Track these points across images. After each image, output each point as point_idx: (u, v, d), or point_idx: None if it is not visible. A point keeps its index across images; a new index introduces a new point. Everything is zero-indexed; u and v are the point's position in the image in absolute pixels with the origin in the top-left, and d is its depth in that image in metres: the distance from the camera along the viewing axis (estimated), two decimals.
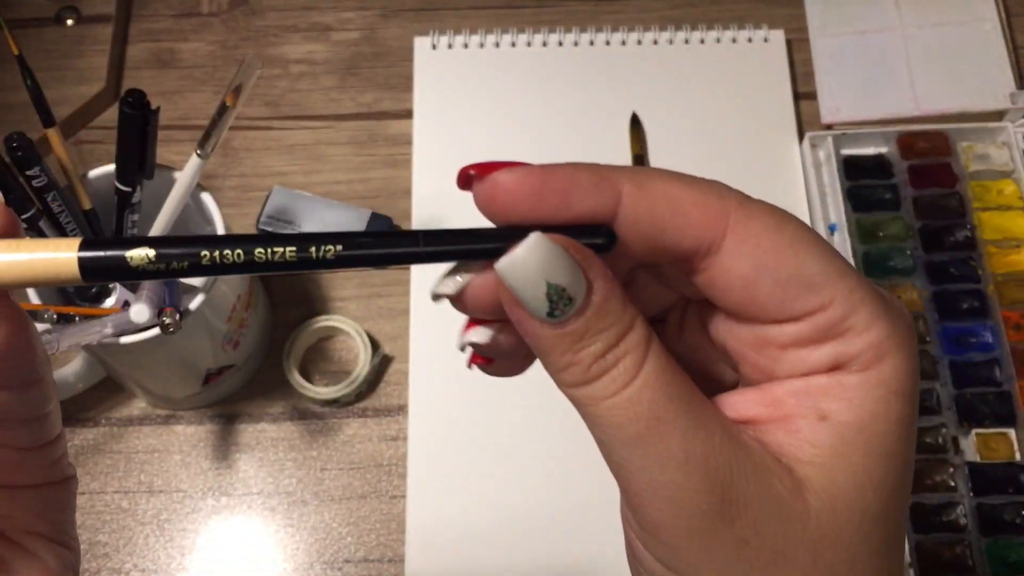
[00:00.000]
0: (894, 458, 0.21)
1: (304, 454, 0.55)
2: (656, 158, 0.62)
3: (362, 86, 0.65)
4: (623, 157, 0.62)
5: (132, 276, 0.21)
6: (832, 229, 0.59)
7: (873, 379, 0.21)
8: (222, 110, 0.44)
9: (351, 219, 0.59)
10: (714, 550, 0.21)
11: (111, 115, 0.64)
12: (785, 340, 0.21)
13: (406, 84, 0.65)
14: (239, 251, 0.21)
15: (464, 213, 0.67)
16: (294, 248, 0.21)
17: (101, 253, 0.20)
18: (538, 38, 0.65)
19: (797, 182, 0.61)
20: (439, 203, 0.60)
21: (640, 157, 0.61)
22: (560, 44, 0.65)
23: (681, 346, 0.25)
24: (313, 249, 0.21)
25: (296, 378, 0.55)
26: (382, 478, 0.54)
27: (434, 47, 0.65)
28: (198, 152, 0.46)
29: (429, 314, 0.57)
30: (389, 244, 0.22)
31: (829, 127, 0.63)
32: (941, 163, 0.60)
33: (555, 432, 0.55)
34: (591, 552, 0.52)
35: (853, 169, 0.60)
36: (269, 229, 0.59)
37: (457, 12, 0.67)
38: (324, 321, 0.56)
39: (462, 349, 0.24)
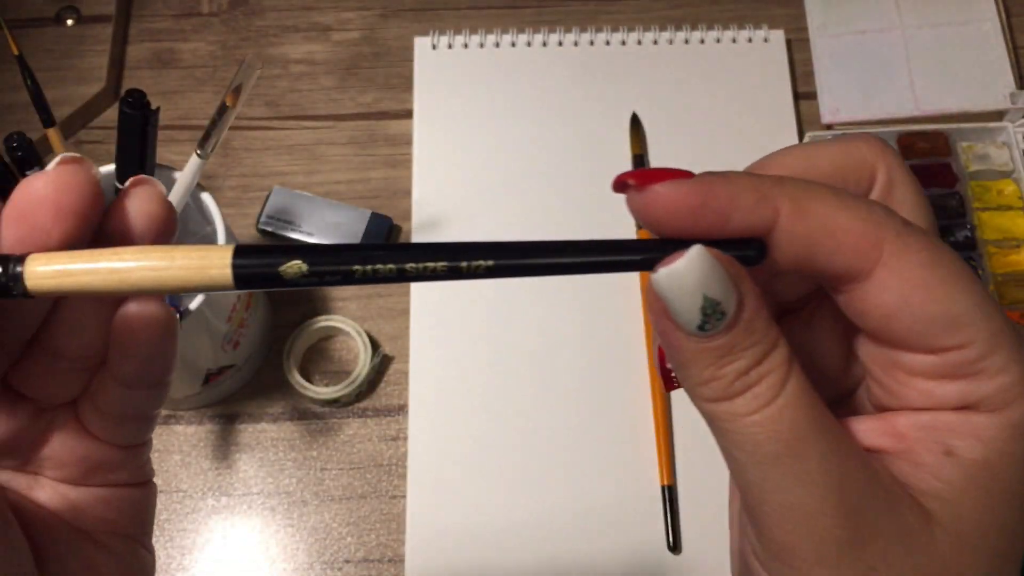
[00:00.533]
0: (1018, 500, 0.21)
1: (304, 454, 0.55)
2: (656, 158, 0.62)
3: (362, 86, 0.65)
4: (623, 157, 0.62)
5: (283, 286, 0.21)
6: None
7: (1003, 421, 0.21)
8: (222, 110, 0.44)
9: (351, 219, 0.59)
10: (842, 570, 0.21)
11: (111, 115, 0.64)
12: (916, 369, 0.21)
13: (406, 84, 0.65)
14: (391, 265, 0.21)
15: (464, 213, 0.67)
16: (445, 263, 0.21)
17: (255, 261, 0.21)
18: (538, 38, 0.65)
19: None
20: (439, 203, 0.60)
21: (640, 157, 0.61)
22: (560, 44, 0.65)
23: (807, 339, 0.24)
24: (464, 264, 0.21)
25: (296, 378, 0.55)
26: (382, 478, 0.54)
27: (434, 47, 0.65)
28: (198, 152, 0.46)
29: (429, 314, 0.57)
30: (538, 255, 0.21)
31: (829, 127, 0.63)
32: (941, 163, 0.60)
33: (555, 432, 0.55)
34: (591, 551, 0.52)
35: None
36: (269, 229, 0.59)
37: (457, 12, 0.67)
38: (324, 321, 0.56)
39: (662, 375, 0.24)
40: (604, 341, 0.57)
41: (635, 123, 0.62)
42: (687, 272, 0.20)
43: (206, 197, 0.49)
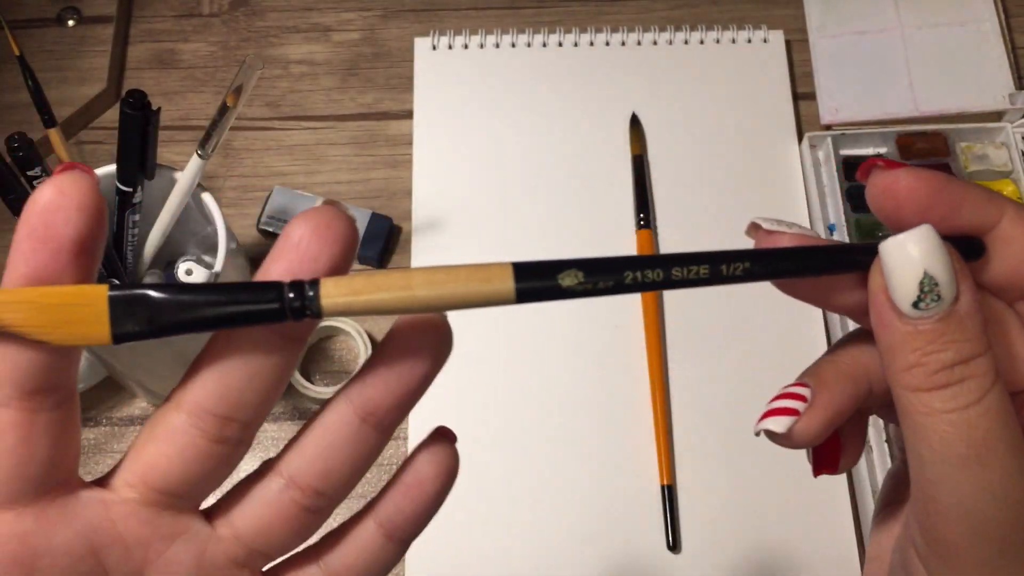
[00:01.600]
0: None
1: None
2: (656, 158, 0.62)
3: (363, 87, 0.65)
4: (623, 157, 0.62)
5: (561, 296, 0.22)
6: (831, 229, 0.59)
7: None
8: (223, 110, 0.44)
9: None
10: (1000, 572, 0.21)
11: (112, 115, 0.65)
12: None
13: (406, 85, 0.65)
14: (659, 271, 0.23)
15: (465, 213, 0.67)
16: (707, 267, 0.23)
17: (536, 283, 0.22)
18: (538, 39, 0.65)
19: (796, 182, 0.61)
20: (439, 203, 0.61)
21: (640, 158, 0.61)
22: (560, 45, 0.65)
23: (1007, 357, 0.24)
24: (724, 267, 0.23)
25: (296, 378, 0.55)
26: (382, 478, 0.54)
27: (434, 48, 0.65)
28: (199, 152, 0.46)
29: None
30: (784, 260, 0.24)
31: (828, 127, 0.63)
32: (940, 163, 0.60)
33: (556, 432, 0.55)
34: (591, 550, 0.52)
35: (852, 169, 0.60)
36: (270, 229, 0.59)
37: (457, 13, 0.68)
38: (324, 321, 0.56)
39: (758, 435, 0.26)
40: (605, 341, 0.57)
41: (635, 123, 0.63)
42: (914, 244, 0.21)
43: (207, 197, 0.49)
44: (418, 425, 0.55)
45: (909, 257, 0.21)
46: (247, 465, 0.56)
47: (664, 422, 0.54)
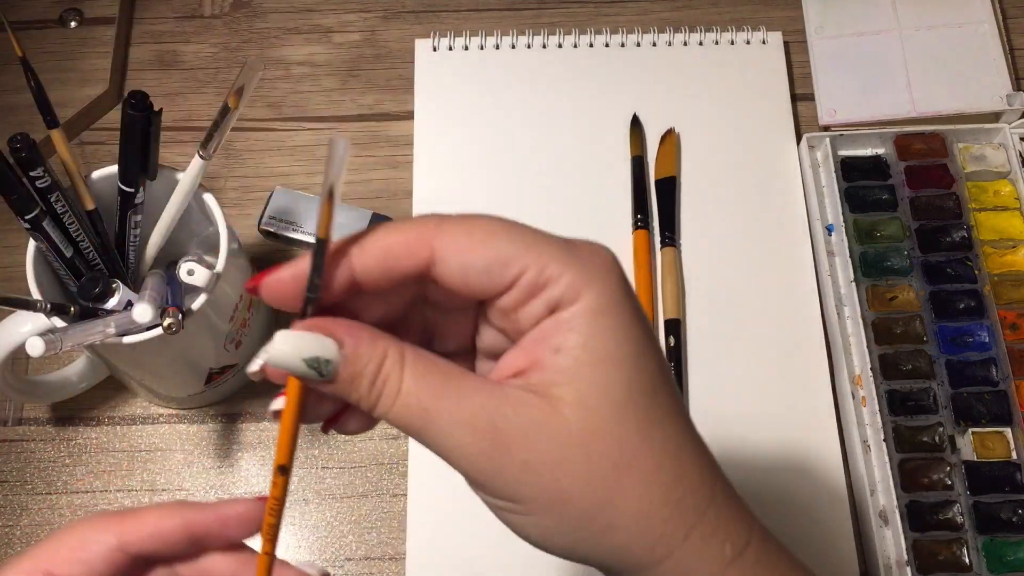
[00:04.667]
0: (620, 359, 0.27)
1: (306, 452, 0.55)
2: (655, 159, 0.62)
3: (363, 88, 0.66)
4: (623, 159, 0.62)
5: None
6: (830, 230, 0.59)
7: (580, 309, 0.27)
8: (224, 111, 0.44)
9: (352, 220, 0.59)
10: (508, 475, 0.26)
11: (114, 116, 0.65)
12: (511, 305, 0.27)
13: (407, 86, 0.65)
14: None
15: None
16: None
17: None
18: (538, 40, 0.65)
19: (795, 183, 0.61)
20: (440, 204, 0.61)
21: (640, 158, 0.62)
22: (560, 46, 0.66)
23: (490, 352, 0.31)
24: None
25: None
26: (383, 476, 0.55)
27: (435, 49, 0.65)
28: (200, 153, 0.46)
29: None
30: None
31: (826, 128, 0.63)
32: (938, 164, 0.60)
33: None
34: None
35: (850, 170, 0.60)
36: (271, 230, 0.59)
37: (457, 14, 0.68)
38: None
39: (270, 418, 0.30)
40: None
41: (635, 124, 0.63)
42: (282, 347, 0.26)
43: (208, 198, 0.49)
44: None
45: (285, 360, 0.26)
46: (247, 464, 0.56)
47: None
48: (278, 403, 0.28)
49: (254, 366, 0.28)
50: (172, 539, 0.30)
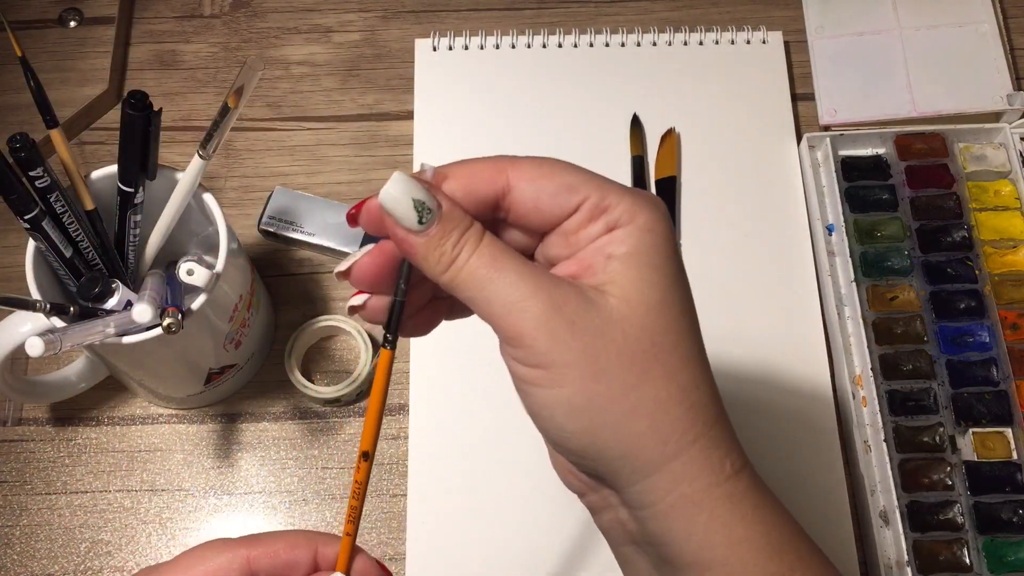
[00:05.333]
0: (662, 268, 0.31)
1: (305, 453, 0.55)
2: (655, 159, 0.62)
3: (363, 87, 0.66)
4: (623, 158, 0.62)
5: None
6: (830, 230, 0.59)
7: (633, 227, 0.31)
8: (224, 111, 0.44)
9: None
10: (555, 333, 0.30)
11: (114, 116, 0.65)
12: (574, 226, 0.32)
13: (407, 86, 0.65)
14: None
15: None
16: None
17: None
18: (538, 40, 0.65)
19: (795, 183, 0.61)
20: None
21: (640, 158, 0.62)
22: (560, 46, 0.65)
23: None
24: None
25: (297, 377, 0.55)
26: (383, 477, 0.55)
27: (435, 49, 0.65)
28: (200, 153, 0.46)
29: None
30: None
31: (827, 128, 0.63)
32: (938, 164, 0.60)
33: None
34: (591, 548, 0.52)
35: (851, 170, 0.60)
36: (270, 230, 0.59)
37: (457, 14, 0.68)
38: (325, 321, 0.57)
39: (350, 313, 0.34)
40: None
41: (636, 124, 0.63)
42: (395, 186, 0.30)
43: (208, 198, 0.49)
44: (418, 425, 0.55)
45: (398, 196, 0.30)
46: (247, 464, 0.56)
47: None
48: (357, 299, 0.33)
49: (342, 265, 0.32)
50: (299, 566, 0.33)
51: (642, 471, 0.30)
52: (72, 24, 0.66)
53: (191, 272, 0.44)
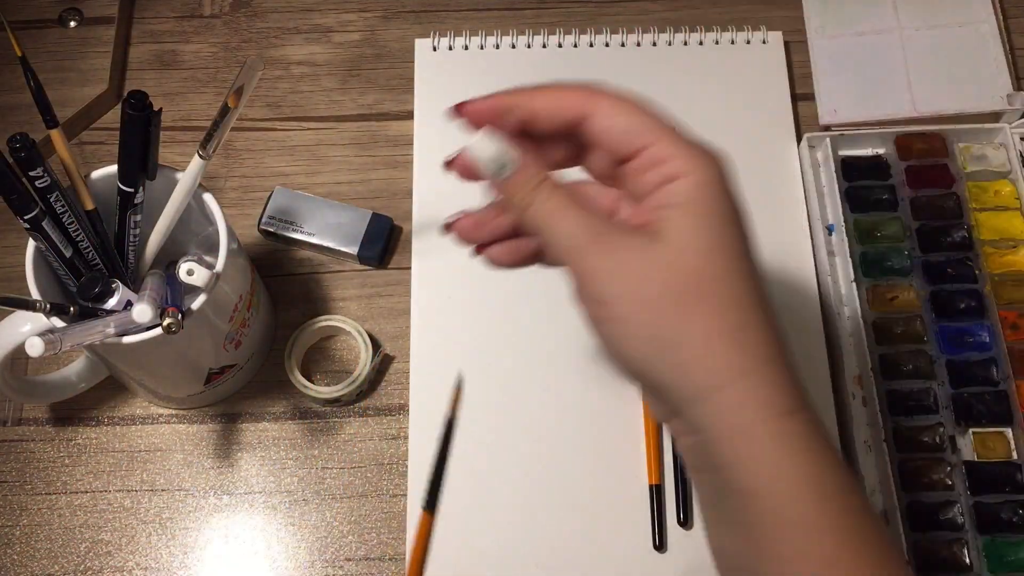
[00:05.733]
0: (714, 218, 0.33)
1: (305, 453, 0.55)
2: None
3: (363, 87, 0.66)
4: None
5: None
6: (830, 230, 0.59)
7: (692, 178, 0.34)
8: (224, 111, 0.44)
9: (352, 220, 0.59)
10: (605, 269, 0.33)
11: (114, 116, 0.65)
12: (635, 171, 0.35)
13: (407, 85, 0.65)
14: None
15: None
16: None
17: None
18: (538, 40, 0.65)
19: (795, 183, 0.61)
20: (440, 204, 0.60)
21: None
22: (560, 46, 0.65)
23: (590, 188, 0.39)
24: None
25: (297, 377, 0.55)
26: (383, 477, 0.55)
27: (435, 49, 0.65)
28: (200, 153, 0.46)
29: (430, 314, 0.58)
30: None
31: (827, 128, 0.63)
32: (938, 164, 0.60)
33: (551, 432, 0.55)
34: (591, 548, 0.52)
35: (851, 170, 0.60)
36: (270, 230, 0.59)
37: (457, 14, 0.68)
38: (325, 321, 0.57)
39: (441, 232, 0.40)
40: (594, 342, 0.57)
41: None
42: (480, 144, 0.35)
43: (208, 198, 0.49)
44: (418, 425, 0.55)
45: (481, 153, 0.35)
46: (247, 464, 0.56)
47: (653, 422, 0.54)
48: (451, 217, 0.39)
49: (448, 157, 0.37)
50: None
51: (690, 399, 0.33)
52: (72, 24, 0.66)
53: (191, 272, 0.44)
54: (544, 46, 0.65)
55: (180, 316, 0.44)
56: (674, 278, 0.33)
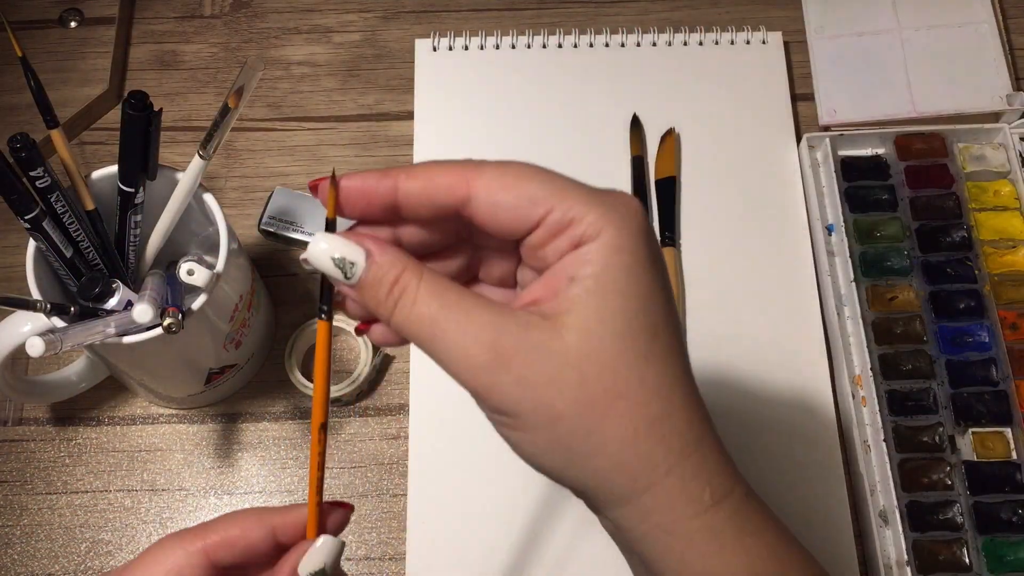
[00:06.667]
0: (627, 292, 0.29)
1: (306, 453, 0.55)
2: (655, 159, 0.62)
3: (363, 88, 0.66)
4: (623, 158, 0.62)
5: None
6: (830, 230, 0.59)
7: (599, 245, 0.29)
8: (224, 111, 0.44)
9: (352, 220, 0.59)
10: (505, 389, 0.29)
11: (114, 116, 0.65)
12: (538, 242, 0.30)
13: (407, 86, 0.65)
14: None
15: None
16: None
17: None
18: (538, 40, 0.65)
19: (795, 183, 0.61)
20: None
21: (640, 159, 0.62)
22: (560, 46, 0.66)
23: (525, 287, 0.34)
24: None
25: (298, 377, 0.55)
26: (383, 477, 0.55)
27: (435, 49, 0.65)
28: (200, 153, 0.46)
29: None
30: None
31: (826, 128, 0.63)
32: (938, 164, 0.60)
33: None
34: (591, 549, 0.52)
35: (850, 170, 0.60)
36: (271, 230, 0.59)
37: (457, 14, 0.68)
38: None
39: (302, 263, 0.33)
40: None
41: (635, 124, 0.63)
42: (314, 247, 0.30)
43: (208, 198, 0.49)
44: (418, 425, 0.55)
45: (317, 257, 0.30)
46: (247, 464, 0.56)
47: None
48: (306, 254, 0.32)
49: (303, 255, 0.31)
50: (259, 548, 0.33)
51: (614, 502, 0.30)
52: (72, 24, 0.66)
53: (191, 272, 0.44)
54: (544, 46, 0.65)
55: (180, 316, 0.44)
56: (585, 382, 0.28)
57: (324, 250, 0.30)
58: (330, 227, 0.30)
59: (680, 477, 0.29)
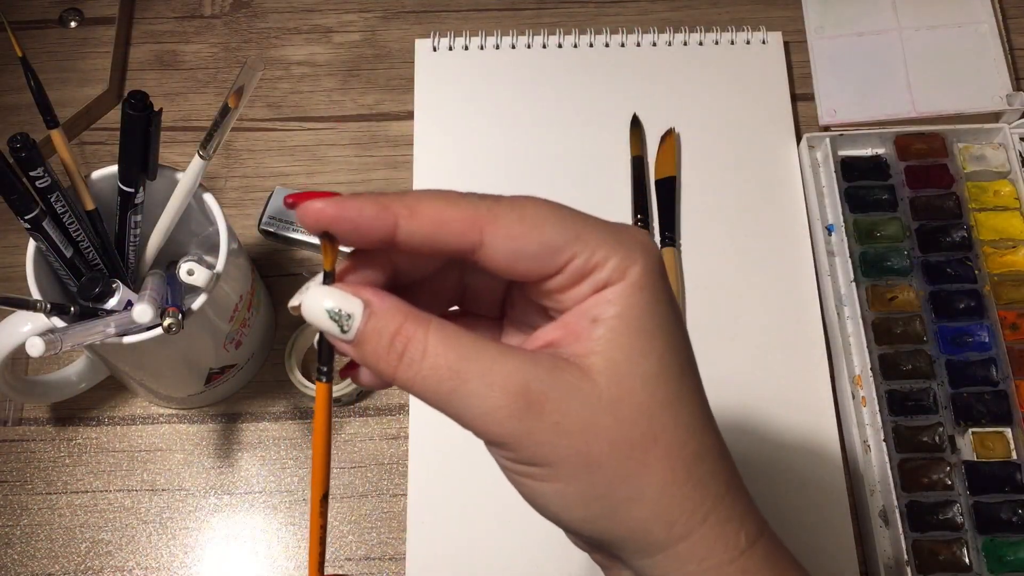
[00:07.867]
0: (654, 332, 0.28)
1: (306, 453, 0.55)
2: (655, 159, 0.62)
3: (363, 88, 0.66)
4: (623, 159, 0.62)
5: None
6: (830, 230, 0.59)
7: (621, 286, 0.28)
8: (224, 111, 0.44)
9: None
10: (539, 437, 0.27)
11: (114, 116, 0.65)
12: (558, 287, 0.28)
13: (407, 86, 0.65)
14: None
15: None
16: None
17: None
18: (538, 40, 0.65)
19: (795, 183, 0.61)
20: None
21: (640, 159, 0.62)
22: (560, 46, 0.66)
23: (521, 322, 0.32)
24: None
25: (298, 377, 0.55)
26: (383, 476, 0.55)
27: (435, 49, 0.65)
28: (200, 153, 0.46)
29: None
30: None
31: (826, 128, 0.63)
32: (938, 164, 0.60)
33: None
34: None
35: (850, 170, 0.60)
36: (271, 230, 0.59)
37: (458, 14, 0.68)
38: None
39: (290, 310, 0.30)
40: None
41: (635, 124, 0.63)
42: (308, 299, 0.28)
43: (208, 198, 0.49)
44: (418, 425, 0.55)
45: (311, 308, 0.28)
46: (247, 464, 0.56)
47: None
48: (294, 300, 0.29)
49: (292, 303, 0.29)
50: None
51: (647, 552, 0.28)
52: (72, 24, 0.66)
53: (191, 272, 0.44)
54: (544, 46, 0.65)
55: (180, 316, 0.44)
56: (620, 426, 0.27)
57: (318, 302, 0.27)
58: (327, 279, 0.28)
59: (717, 521, 0.28)
